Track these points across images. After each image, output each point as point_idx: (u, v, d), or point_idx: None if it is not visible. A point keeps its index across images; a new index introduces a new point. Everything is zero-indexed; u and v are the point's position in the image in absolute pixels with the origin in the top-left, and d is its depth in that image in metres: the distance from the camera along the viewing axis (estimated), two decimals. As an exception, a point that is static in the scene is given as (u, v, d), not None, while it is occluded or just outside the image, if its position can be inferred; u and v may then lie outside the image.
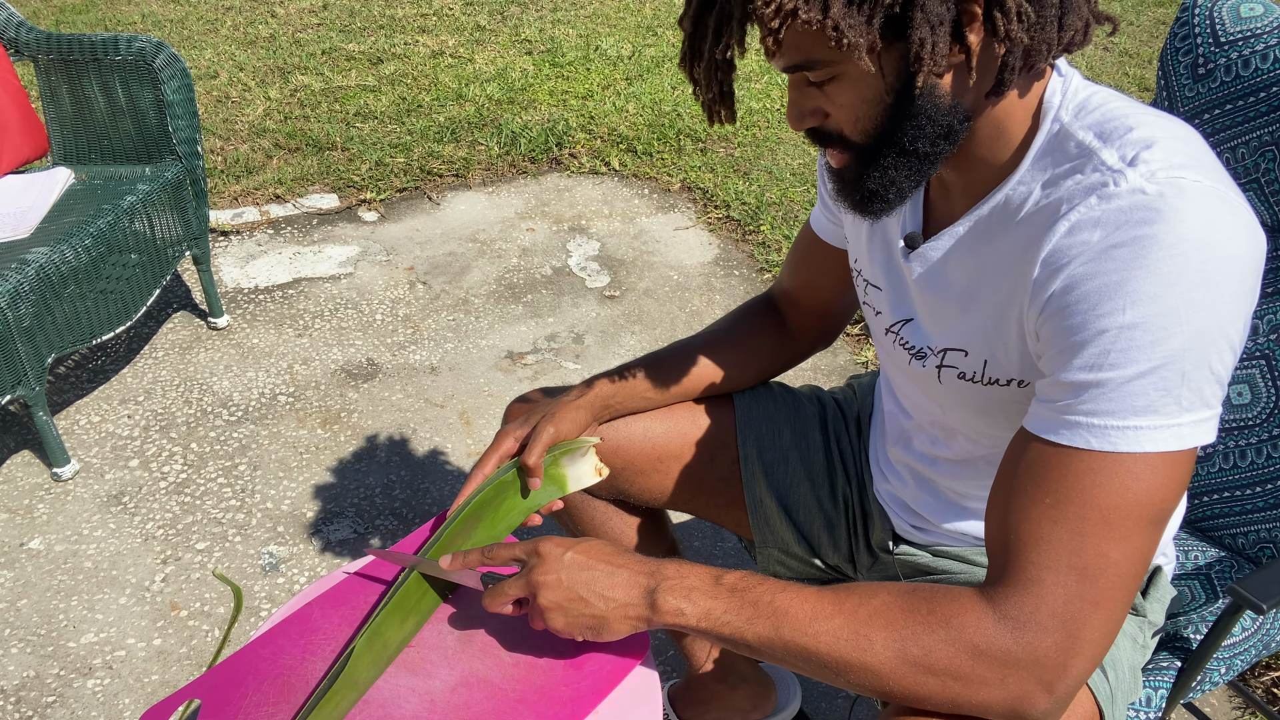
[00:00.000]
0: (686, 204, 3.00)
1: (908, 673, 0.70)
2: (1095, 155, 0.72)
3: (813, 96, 0.77)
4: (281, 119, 3.36)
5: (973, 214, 0.82)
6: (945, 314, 0.87)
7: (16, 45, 2.12)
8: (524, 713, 0.88)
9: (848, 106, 0.75)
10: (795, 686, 1.49)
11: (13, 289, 1.71)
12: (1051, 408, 0.71)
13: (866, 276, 0.99)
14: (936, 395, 0.93)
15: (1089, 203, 0.70)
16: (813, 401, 1.20)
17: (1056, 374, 0.71)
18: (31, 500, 1.90)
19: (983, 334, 0.83)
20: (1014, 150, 0.78)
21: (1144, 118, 0.73)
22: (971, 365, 0.86)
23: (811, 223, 1.12)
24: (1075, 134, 0.75)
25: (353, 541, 1.83)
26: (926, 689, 0.70)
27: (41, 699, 1.54)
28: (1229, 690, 1.56)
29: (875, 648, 0.71)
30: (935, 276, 0.87)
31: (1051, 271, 0.72)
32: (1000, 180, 0.80)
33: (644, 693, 0.91)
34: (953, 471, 0.98)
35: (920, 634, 0.70)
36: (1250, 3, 1.09)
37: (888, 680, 0.71)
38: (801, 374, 2.29)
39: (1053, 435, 0.70)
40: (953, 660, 0.69)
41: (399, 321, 2.45)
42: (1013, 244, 0.78)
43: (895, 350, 0.96)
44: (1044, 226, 0.74)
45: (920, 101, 0.73)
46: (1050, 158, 0.76)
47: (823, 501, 1.14)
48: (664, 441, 1.13)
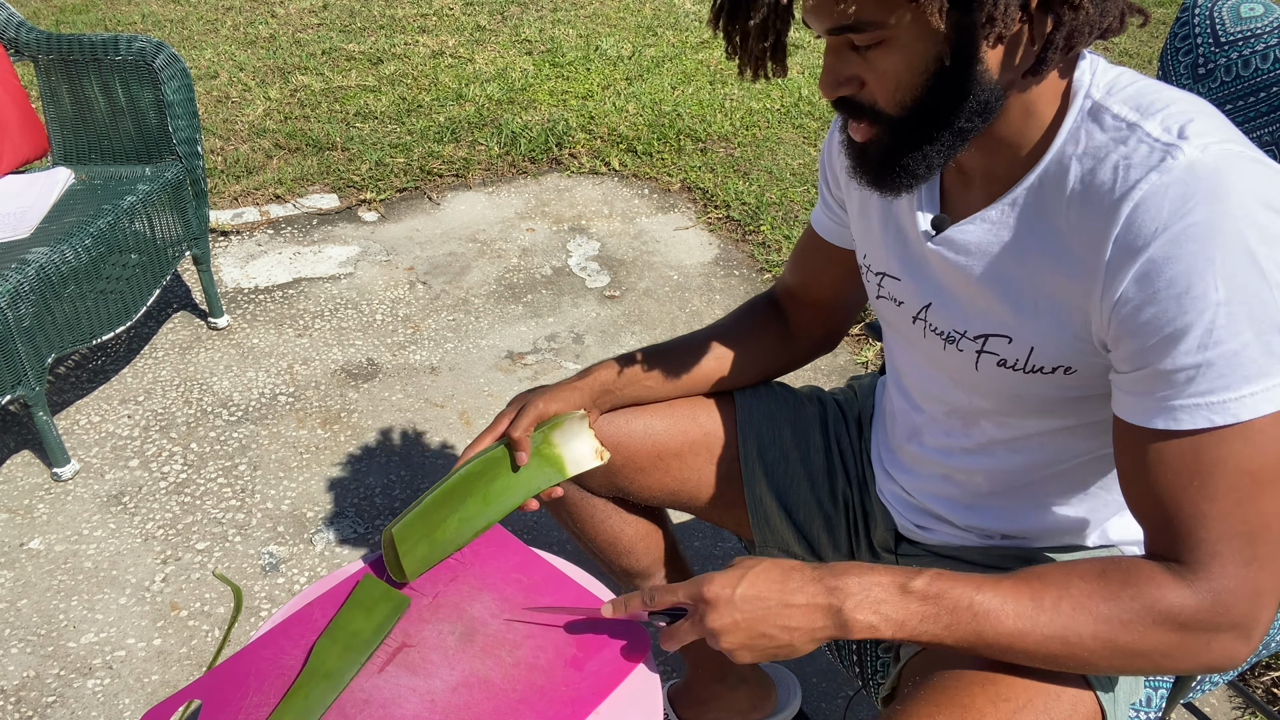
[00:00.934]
0: (686, 204, 3.00)
1: (1118, 658, 0.74)
2: (1139, 127, 0.72)
3: (852, 63, 0.75)
4: (281, 119, 3.36)
5: (1006, 197, 0.81)
6: (982, 299, 0.85)
7: (16, 45, 2.12)
8: (524, 713, 0.88)
9: (890, 74, 0.74)
10: (795, 686, 1.49)
11: (13, 289, 1.71)
12: (1157, 398, 0.72)
13: (880, 269, 0.98)
14: (970, 381, 0.91)
15: (1149, 179, 0.70)
16: (813, 402, 1.19)
17: (1155, 363, 0.71)
18: (31, 500, 1.90)
19: (1030, 320, 0.82)
20: (1043, 132, 0.78)
21: (1174, 93, 0.74)
22: (1015, 353, 0.84)
23: (813, 224, 1.12)
24: (1111, 108, 0.75)
25: (353, 541, 1.83)
26: (1136, 666, 0.75)
27: (41, 699, 1.54)
28: (1229, 690, 1.56)
29: (1085, 641, 0.74)
30: (968, 261, 0.85)
31: (1126, 255, 0.71)
32: (1031, 162, 0.79)
33: (644, 693, 0.91)
34: (969, 462, 0.96)
35: (1127, 622, 0.73)
36: (1250, 3, 1.09)
37: (1099, 666, 0.76)
38: (802, 374, 2.29)
39: (1174, 424, 0.71)
40: (1162, 640, 0.73)
41: (399, 321, 2.45)
42: (1061, 226, 0.77)
43: (926, 338, 0.94)
44: (1102, 205, 0.73)
45: (965, 74, 0.72)
46: (1085, 132, 0.76)
47: (823, 501, 1.14)
48: (665, 439, 1.12)
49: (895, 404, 1.06)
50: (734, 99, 3.60)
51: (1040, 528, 0.98)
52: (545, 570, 1.03)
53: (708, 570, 1.77)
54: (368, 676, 0.91)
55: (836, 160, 1.03)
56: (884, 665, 1.07)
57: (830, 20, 0.72)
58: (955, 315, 0.89)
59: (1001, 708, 0.78)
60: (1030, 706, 0.79)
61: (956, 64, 0.72)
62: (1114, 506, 0.96)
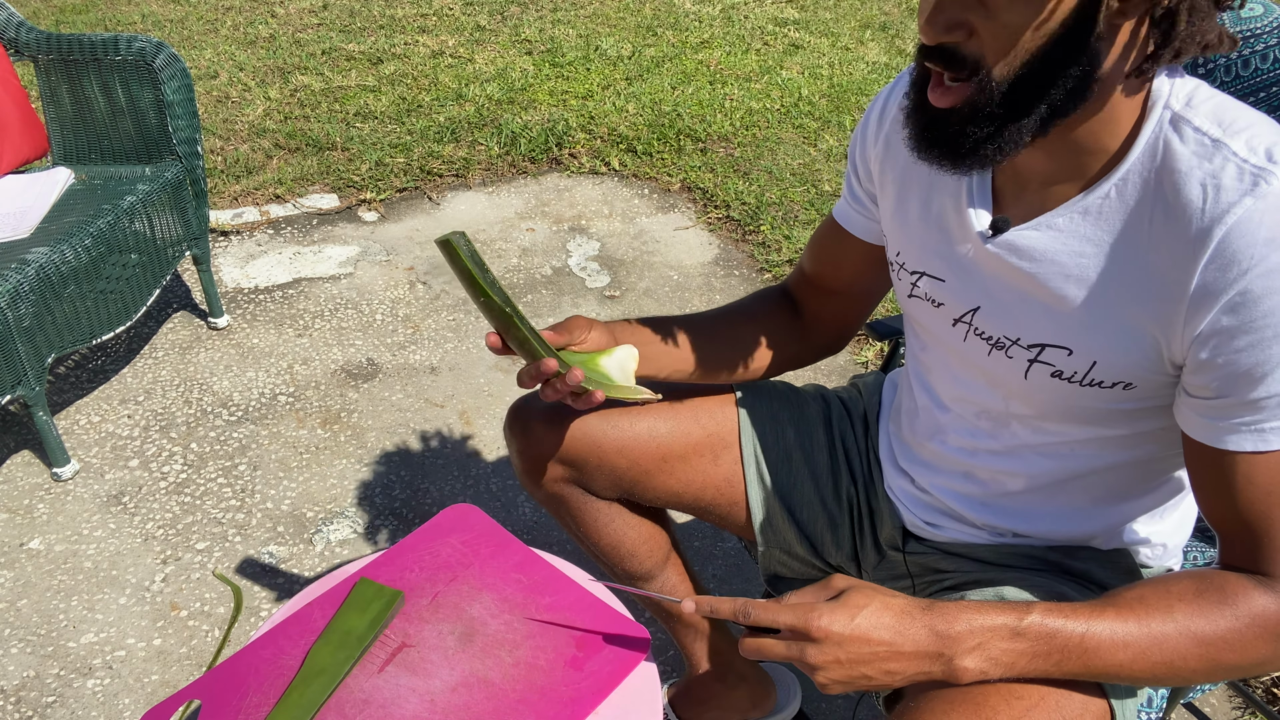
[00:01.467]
0: (686, 204, 3.00)
1: (1219, 673, 0.76)
2: (1224, 145, 0.71)
3: (969, 7, 0.69)
4: (281, 119, 3.36)
5: (1075, 204, 0.79)
6: (1042, 308, 0.82)
7: (16, 45, 2.12)
8: (524, 713, 0.88)
9: (1010, 30, 0.68)
10: (795, 686, 1.49)
11: (13, 289, 1.71)
12: (1243, 423, 0.73)
13: (917, 268, 0.94)
14: (1014, 388, 0.88)
15: (1244, 204, 0.69)
16: (817, 400, 1.19)
17: (1244, 393, 0.72)
18: (31, 500, 1.90)
19: (1097, 334, 0.80)
20: (1120, 140, 0.75)
21: (1254, 113, 0.73)
22: (1074, 365, 0.82)
23: (837, 216, 1.08)
24: (1193, 121, 0.73)
25: (353, 541, 1.83)
26: (1232, 675, 0.78)
27: (41, 699, 1.54)
28: (1229, 690, 1.56)
29: (1189, 663, 0.75)
30: (1031, 267, 0.82)
31: (1218, 283, 0.70)
32: (1105, 170, 0.77)
33: (644, 693, 0.91)
34: (994, 463, 0.95)
35: (1231, 642, 0.74)
36: (1250, 3, 1.09)
37: (1198, 680, 0.78)
38: (804, 373, 2.29)
39: (1264, 445, 0.73)
40: (1261, 651, 0.75)
41: (399, 321, 2.45)
42: (1140, 241, 0.75)
43: (968, 341, 0.91)
44: (1189, 227, 0.71)
45: (1083, 52, 0.69)
46: (1164, 144, 0.74)
47: (826, 500, 1.14)
48: (668, 441, 1.12)
49: (917, 401, 1.03)
50: (734, 99, 3.60)
51: (1057, 529, 0.97)
52: (545, 570, 1.03)
53: (707, 569, 1.77)
54: (367, 676, 0.91)
55: (871, 151, 0.99)
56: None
57: None
58: (1007, 321, 0.86)
59: (1015, 705, 0.78)
60: (1043, 705, 0.79)
61: (1079, 38, 0.68)
62: (1134, 512, 0.95)
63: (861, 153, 1.02)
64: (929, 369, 1.01)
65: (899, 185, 0.96)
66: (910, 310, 0.99)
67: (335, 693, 0.89)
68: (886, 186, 0.98)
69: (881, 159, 0.98)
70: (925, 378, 1.02)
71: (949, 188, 0.90)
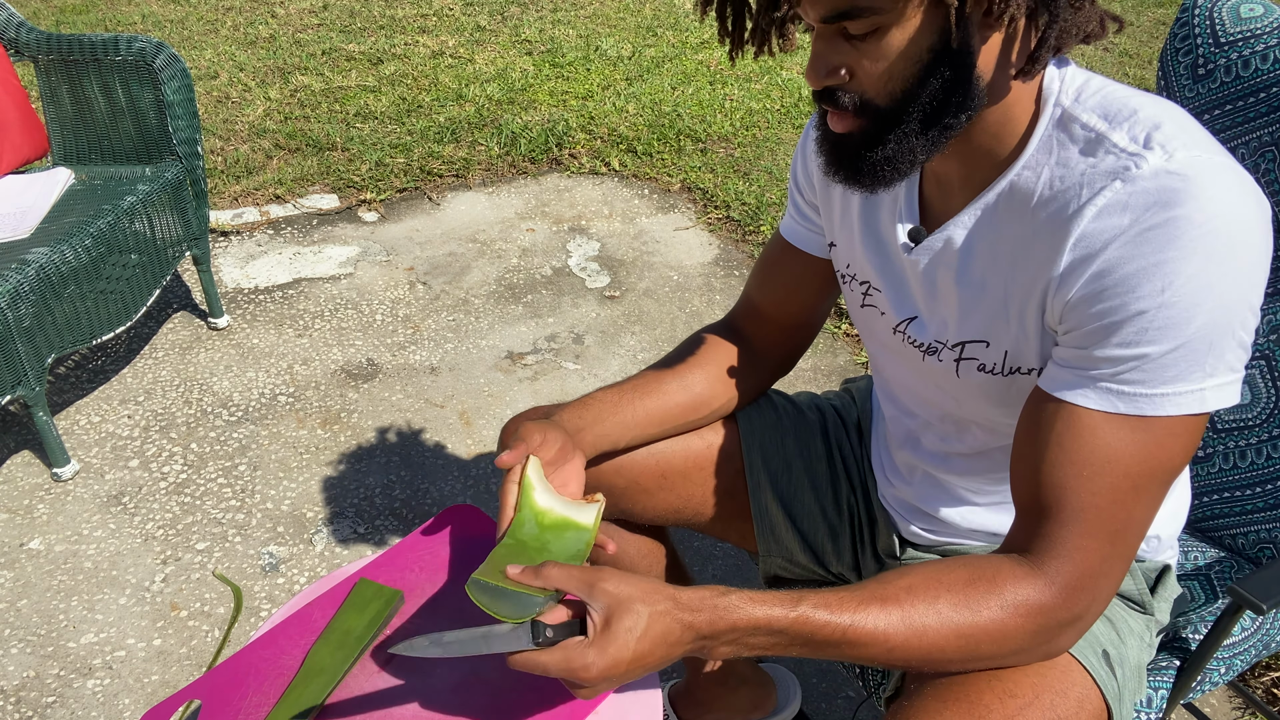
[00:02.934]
0: (686, 204, 3.00)
1: (972, 661, 0.77)
2: (1106, 138, 0.74)
3: (843, 52, 0.75)
4: (281, 119, 3.36)
5: (978, 202, 0.82)
6: (958, 306, 0.86)
7: (16, 45, 2.12)
8: (524, 713, 0.88)
9: (883, 63, 0.73)
10: (795, 687, 1.49)
11: (13, 289, 1.71)
12: (1080, 373, 0.74)
13: (864, 278, 0.97)
14: (953, 389, 0.92)
15: (1113, 187, 0.71)
16: (812, 409, 1.18)
17: (1090, 348, 0.73)
18: (31, 500, 1.90)
19: (1003, 323, 0.83)
20: (1017, 138, 0.79)
21: (1142, 99, 0.75)
22: (993, 356, 0.85)
23: (784, 233, 1.08)
24: (1079, 117, 0.76)
25: (353, 541, 1.83)
26: (985, 663, 0.78)
27: (41, 699, 1.54)
28: (1229, 690, 1.56)
29: (948, 655, 0.76)
30: (944, 269, 0.86)
31: (1083, 257, 0.73)
32: (1004, 167, 0.80)
33: (644, 693, 0.91)
34: (966, 467, 0.97)
35: (991, 632, 0.75)
36: (1250, 3, 1.09)
37: (952, 666, 0.78)
38: (801, 374, 2.29)
39: (1083, 400, 0.74)
40: (1016, 640, 0.76)
41: (399, 321, 2.45)
42: (1029, 230, 0.78)
43: (905, 348, 0.94)
44: (1065, 212, 0.74)
45: (959, 68, 0.72)
46: (1056, 141, 0.77)
47: (826, 510, 1.13)
48: (668, 458, 1.11)
49: (887, 411, 1.06)
50: (734, 99, 3.60)
51: None
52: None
53: (707, 569, 1.77)
54: (367, 676, 0.91)
55: (813, 163, 1.01)
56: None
57: (831, 6, 0.71)
58: (933, 326, 0.90)
59: (1009, 704, 0.78)
60: (1037, 703, 0.79)
61: (952, 56, 0.72)
62: None
63: (803, 167, 1.03)
64: (890, 379, 1.03)
65: (843, 198, 0.98)
66: (862, 321, 1.01)
67: (335, 692, 0.89)
68: (832, 199, 1.00)
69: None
70: (888, 388, 1.04)
71: (884, 201, 0.93)
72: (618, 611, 0.73)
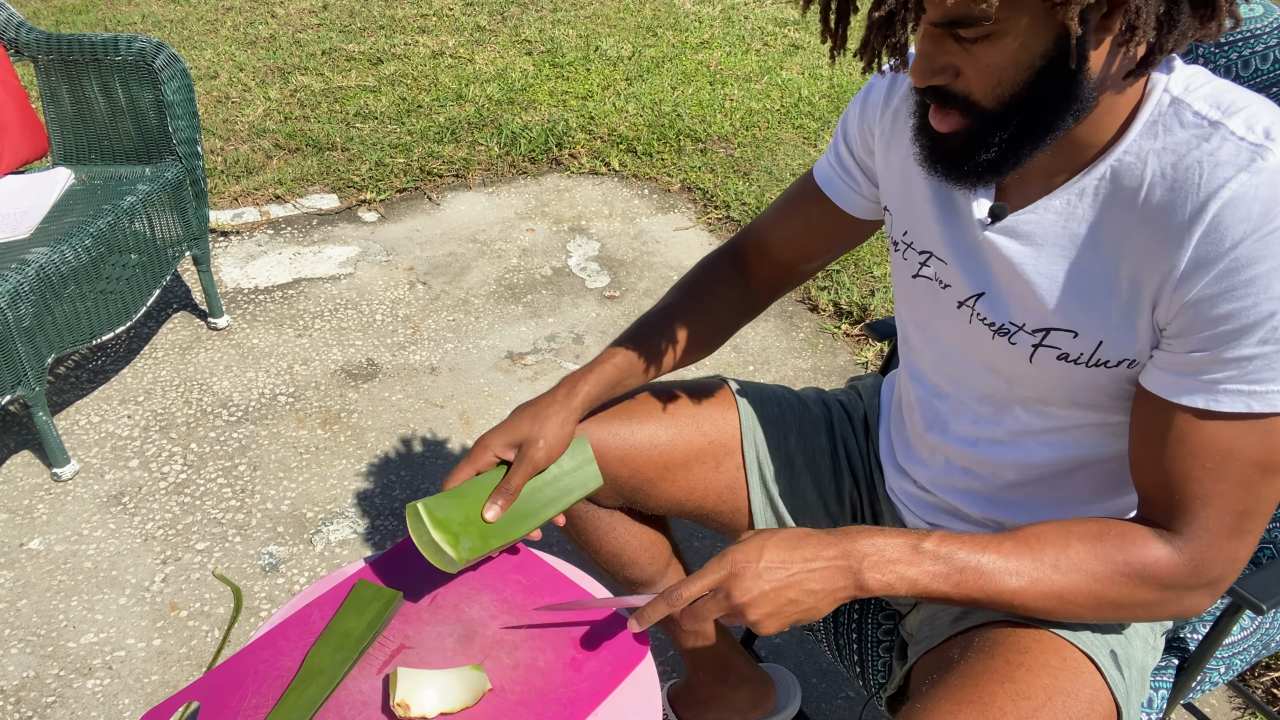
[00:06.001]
0: (686, 204, 3.00)
1: (1104, 610, 0.81)
2: (1222, 125, 0.72)
3: (951, 53, 0.73)
4: (281, 119, 3.37)
5: (1072, 186, 0.80)
6: (1043, 292, 0.83)
7: (16, 45, 2.12)
8: (524, 714, 0.88)
9: (993, 68, 0.72)
10: (795, 687, 1.49)
11: (13, 289, 1.71)
12: (1203, 380, 0.75)
13: (925, 248, 0.94)
14: (1016, 372, 0.89)
15: (1239, 179, 0.70)
16: (818, 404, 1.18)
17: (1216, 350, 0.73)
18: (31, 500, 1.90)
19: (1102, 316, 0.81)
20: (1119, 125, 0.77)
21: (1251, 95, 0.74)
22: (1080, 347, 0.83)
23: (818, 178, 1.06)
24: (1191, 104, 0.74)
25: (353, 541, 1.83)
26: (1116, 617, 0.82)
27: (41, 699, 1.54)
28: (1229, 690, 1.56)
29: (1079, 598, 0.80)
30: (1031, 251, 0.83)
31: (1208, 255, 0.72)
32: (1102, 152, 0.78)
33: (644, 693, 0.91)
34: (995, 453, 0.95)
35: (1118, 583, 0.79)
36: (1250, 3, 1.09)
37: (1084, 617, 0.82)
38: (802, 375, 2.29)
39: (1213, 404, 0.75)
40: (1144, 597, 0.80)
41: (399, 321, 2.45)
42: (1135, 218, 0.76)
43: (971, 325, 0.91)
44: (1183, 203, 0.73)
45: (1070, 74, 0.71)
46: (1162, 127, 0.75)
47: (829, 505, 1.13)
48: (670, 449, 1.11)
49: (913, 393, 1.03)
50: (734, 99, 3.60)
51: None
52: (545, 570, 1.03)
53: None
54: (366, 677, 0.91)
55: (876, 125, 0.98)
56: (884, 665, 1.07)
57: (944, 11, 0.69)
58: (1011, 307, 0.87)
59: (1022, 705, 0.78)
60: (1050, 705, 0.79)
61: (1062, 63, 0.70)
62: (1136, 504, 0.95)
63: (861, 124, 1.01)
64: (923, 355, 1.00)
65: (905, 162, 0.95)
66: (912, 293, 0.98)
67: (334, 693, 0.89)
68: (892, 161, 0.97)
69: (889, 133, 0.97)
70: (918, 366, 1.01)
71: None
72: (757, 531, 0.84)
